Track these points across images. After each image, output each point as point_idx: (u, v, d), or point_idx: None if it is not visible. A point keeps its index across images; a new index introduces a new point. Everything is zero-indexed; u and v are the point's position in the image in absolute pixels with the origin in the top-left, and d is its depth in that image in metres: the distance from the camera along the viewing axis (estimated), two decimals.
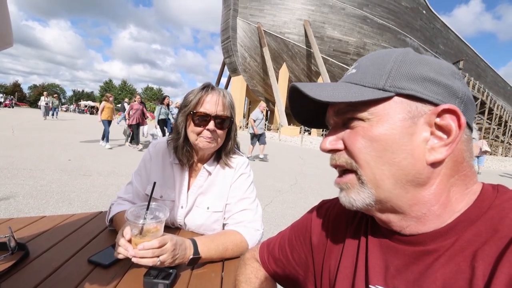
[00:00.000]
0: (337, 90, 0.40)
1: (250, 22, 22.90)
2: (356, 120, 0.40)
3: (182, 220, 1.02)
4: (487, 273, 0.31)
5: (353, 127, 0.40)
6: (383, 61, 0.40)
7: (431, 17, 28.71)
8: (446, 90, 0.37)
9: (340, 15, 22.88)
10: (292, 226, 0.65)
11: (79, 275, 0.69)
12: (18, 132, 8.24)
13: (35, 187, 3.40)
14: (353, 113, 0.40)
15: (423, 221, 0.39)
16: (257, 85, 25.94)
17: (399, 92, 0.37)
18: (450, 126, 0.36)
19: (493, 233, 0.33)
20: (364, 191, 0.39)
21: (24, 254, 0.73)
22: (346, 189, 0.42)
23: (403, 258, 0.40)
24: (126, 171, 4.80)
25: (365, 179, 0.39)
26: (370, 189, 0.39)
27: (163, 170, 1.02)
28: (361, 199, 0.40)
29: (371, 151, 0.38)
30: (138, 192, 1.02)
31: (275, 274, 0.64)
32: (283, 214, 3.50)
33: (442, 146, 0.36)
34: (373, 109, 0.38)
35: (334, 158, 0.43)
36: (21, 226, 0.93)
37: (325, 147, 0.43)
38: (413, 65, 0.38)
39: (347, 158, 0.41)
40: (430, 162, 0.36)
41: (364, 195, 0.39)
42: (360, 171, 0.39)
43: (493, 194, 0.38)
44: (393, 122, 0.37)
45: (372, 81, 0.39)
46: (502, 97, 42.42)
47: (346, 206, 0.42)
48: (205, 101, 0.93)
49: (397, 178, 0.37)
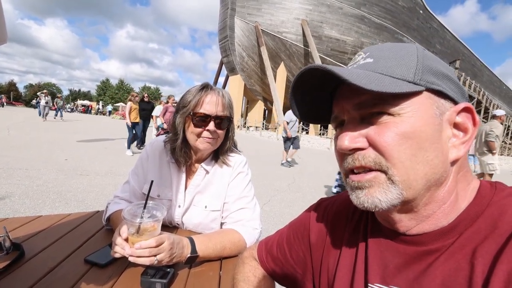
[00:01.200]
0: (370, 78, 0.35)
1: (248, 21, 22.86)
2: (384, 114, 0.36)
3: (179, 219, 1.01)
4: (486, 270, 0.31)
5: (381, 123, 0.36)
6: (407, 53, 0.37)
7: (428, 17, 28.84)
8: (459, 89, 0.38)
9: (337, 15, 22.91)
10: (290, 224, 0.64)
11: (75, 275, 0.68)
12: (14, 132, 8.17)
13: (31, 187, 3.37)
14: (382, 107, 0.36)
15: (431, 220, 0.38)
16: (255, 84, 25.92)
17: (429, 87, 0.35)
18: (466, 124, 0.36)
19: (492, 230, 0.33)
20: (393, 191, 0.36)
21: (19, 254, 0.73)
22: (369, 187, 0.37)
23: (404, 257, 0.40)
24: (123, 171, 4.77)
25: (397, 179, 0.35)
26: (401, 190, 0.35)
27: (160, 169, 1.01)
28: (389, 200, 0.36)
29: (406, 149, 0.35)
30: (135, 191, 1.01)
31: (273, 273, 0.64)
32: (281, 213, 3.51)
33: (461, 143, 0.36)
34: (405, 104, 0.35)
35: (357, 159, 0.38)
36: (17, 226, 0.92)
37: (346, 145, 0.37)
38: (433, 61, 0.37)
39: (375, 157, 0.36)
40: (452, 160, 0.36)
41: (392, 196, 0.36)
42: (392, 170, 0.35)
43: (491, 191, 0.38)
44: (426, 118, 0.35)
45: (401, 73, 0.36)
46: (497, 97, 42.75)
47: (365, 207, 0.38)
48: (204, 101, 0.91)
49: (429, 178, 0.35)
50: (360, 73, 0.35)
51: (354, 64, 0.41)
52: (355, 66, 0.40)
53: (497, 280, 0.30)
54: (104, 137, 9.20)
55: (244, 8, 22.90)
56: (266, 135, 18.21)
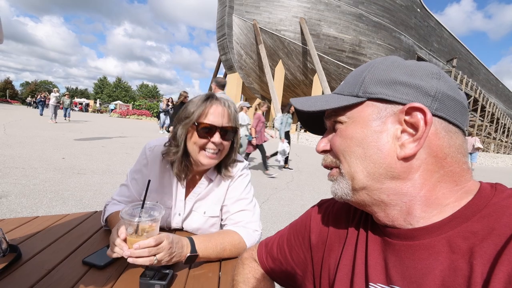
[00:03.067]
0: (320, 101, 0.47)
1: (246, 19, 22.77)
2: (337, 123, 0.46)
3: (179, 226, 1.00)
4: (486, 270, 0.31)
5: (337, 129, 0.46)
6: (361, 71, 0.45)
7: (425, 15, 28.89)
8: (416, 90, 0.40)
9: (335, 13, 22.88)
10: (291, 225, 0.64)
11: (73, 277, 0.68)
12: (10, 131, 8.10)
13: (28, 186, 3.34)
14: (335, 117, 0.46)
15: (409, 212, 0.40)
16: (253, 82, 25.87)
17: (370, 97, 0.42)
18: (418, 122, 0.38)
19: (491, 231, 0.34)
20: (343, 181, 0.45)
21: (16, 256, 0.72)
22: (333, 181, 0.48)
23: (399, 253, 0.40)
24: (121, 169, 4.75)
25: (343, 171, 0.45)
26: (347, 180, 0.44)
27: (161, 176, 0.98)
28: (341, 188, 0.45)
29: (346, 148, 0.44)
30: (133, 197, 0.99)
31: (273, 274, 0.64)
32: (280, 211, 3.51)
33: (411, 142, 0.39)
34: (350, 113, 0.44)
35: (324, 159, 0.49)
36: (13, 227, 0.91)
37: (317, 149, 0.50)
38: (385, 71, 0.42)
39: (332, 158, 0.47)
40: (402, 157, 0.39)
41: (342, 185, 0.45)
42: (341, 165, 0.45)
43: (491, 193, 0.38)
44: (364, 122, 0.42)
45: (349, 90, 0.45)
46: (494, 95, 43.06)
47: (333, 195, 0.48)
48: (209, 112, 0.88)
49: (369, 170, 0.42)
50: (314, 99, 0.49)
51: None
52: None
53: (497, 281, 0.30)
54: (101, 135, 9.15)
55: (242, 6, 22.79)
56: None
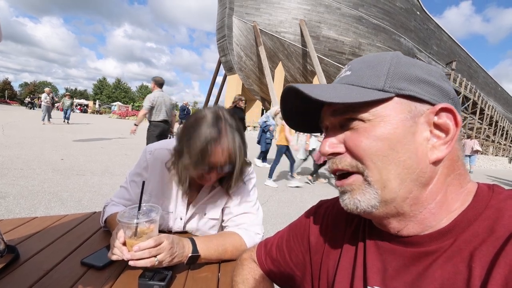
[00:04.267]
0: (338, 91, 0.39)
1: (246, 21, 22.84)
2: (356, 120, 0.39)
3: (181, 229, 0.99)
4: (484, 273, 0.32)
5: (354, 128, 0.40)
6: (379, 63, 0.40)
7: (425, 18, 29.03)
8: (440, 91, 0.39)
9: (335, 15, 22.98)
10: (290, 226, 0.64)
11: (71, 278, 0.67)
12: (9, 131, 8.08)
13: (26, 187, 3.33)
14: (352, 114, 0.39)
15: (419, 221, 0.39)
16: (253, 84, 25.91)
17: (399, 93, 0.38)
18: (447, 124, 0.37)
19: (489, 234, 0.34)
20: (370, 191, 0.39)
21: (14, 257, 0.71)
22: (351, 191, 0.40)
23: (402, 260, 0.40)
24: (120, 170, 4.74)
25: (371, 179, 0.38)
26: (376, 189, 0.38)
27: (161, 180, 0.96)
28: (367, 200, 0.39)
29: (377, 151, 0.37)
30: (133, 200, 0.97)
31: (272, 275, 0.64)
32: (279, 213, 3.50)
33: (442, 144, 0.37)
34: (374, 110, 0.38)
35: (334, 162, 0.42)
36: (11, 227, 0.90)
37: (325, 150, 0.42)
38: (408, 66, 0.39)
39: (351, 161, 0.40)
40: (433, 161, 0.37)
41: (370, 196, 0.39)
42: (366, 172, 0.38)
43: (489, 194, 0.38)
44: (395, 122, 0.37)
45: (371, 82, 0.39)
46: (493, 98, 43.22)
47: (349, 208, 0.41)
48: (210, 156, 0.78)
49: (403, 177, 0.37)
50: (325, 88, 0.40)
51: (338, 78, 0.44)
52: (338, 79, 0.44)
53: (494, 284, 0.30)
54: (100, 136, 9.13)
55: (242, 8, 22.87)
56: None
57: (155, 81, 4.48)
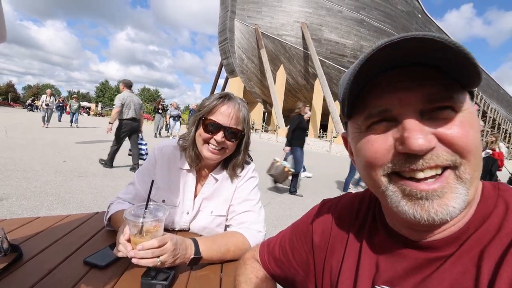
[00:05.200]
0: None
1: (248, 24, 22.98)
2: (448, 110, 0.33)
3: (187, 225, 1.00)
4: (492, 271, 0.31)
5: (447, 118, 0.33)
6: None
7: (426, 21, 29.07)
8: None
9: (337, 18, 23.07)
10: (293, 225, 0.64)
11: (74, 277, 0.67)
12: (12, 133, 8.13)
13: (29, 188, 3.34)
14: (453, 101, 0.33)
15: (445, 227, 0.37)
16: (254, 87, 25.99)
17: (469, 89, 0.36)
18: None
19: (497, 231, 0.33)
20: (461, 192, 0.33)
21: (17, 256, 0.71)
22: (441, 196, 0.33)
23: (413, 262, 0.39)
24: (122, 172, 4.75)
25: (467, 176, 0.33)
26: (467, 188, 0.33)
27: (169, 175, 1.00)
28: (461, 202, 0.33)
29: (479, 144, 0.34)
30: (140, 194, 1.00)
31: (275, 274, 0.64)
32: (281, 215, 3.50)
33: None
34: (466, 100, 0.34)
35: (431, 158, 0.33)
36: (15, 227, 0.90)
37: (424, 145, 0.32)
38: None
39: (451, 154, 0.33)
40: None
41: (462, 198, 0.33)
42: (464, 166, 0.33)
43: (495, 192, 0.37)
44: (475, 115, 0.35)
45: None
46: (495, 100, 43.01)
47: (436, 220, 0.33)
48: (219, 110, 0.91)
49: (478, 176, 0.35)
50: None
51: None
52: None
53: (502, 282, 0.30)
54: (102, 138, 9.17)
55: (244, 11, 23.02)
56: (266, 137, 18.22)
57: (124, 83, 5.04)
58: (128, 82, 5.08)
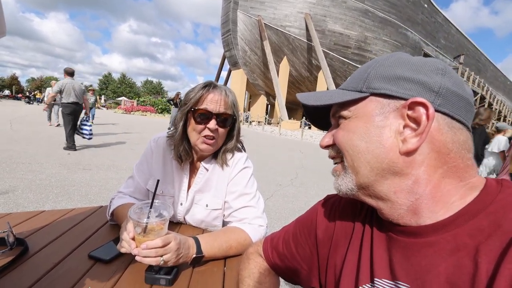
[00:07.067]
0: (325, 96, 0.47)
1: (251, 15, 22.64)
2: (341, 118, 0.46)
3: (182, 216, 1.01)
4: (491, 268, 0.31)
5: (339, 124, 0.47)
6: (367, 67, 0.45)
7: (433, 11, 28.43)
8: (420, 85, 0.40)
9: (341, 9, 22.63)
10: (297, 220, 0.64)
11: (79, 271, 0.68)
12: (16, 126, 8.20)
13: (34, 181, 3.39)
14: (340, 113, 0.46)
15: (412, 210, 0.40)
16: (257, 79, 25.80)
17: (373, 92, 0.42)
18: (420, 117, 0.38)
19: (496, 228, 0.33)
20: (346, 176, 0.45)
21: (23, 250, 0.72)
22: (336, 176, 0.48)
23: (404, 250, 0.40)
24: (126, 165, 4.79)
25: (346, 165, 0.45)
26: (351, 174, 0.44)
27: (163, 166, 1.01)
28: (345, 183, 0.45)
29: (348, 141, 0.44)
30: (139, 186, 1.01)
31: (278, 269, 0.64)
32: (284, 208, 3.51)
33: (413, 136, 0.39)
34: (353, 108, 0.44)
35: (330, 151, 0.50)
36: (20, 221, 0.91)
37: (321, 144, 0.51)
38: (390, 67, 0.42)
39: (337, 150, 0.48)
40: (403, 152, 0.39)
41: (346, 180, 0.45)
42: (344, 159, 0.45)
43: (497, 189, 0.37)
44: (367, 117, 0.43)
45: (354, 85, 0.45)
46: (501, 92, 42.41)
47: (336, 191, 0.49)
48: (206, 99, 0.91)
49: (372, 165, 0.42)
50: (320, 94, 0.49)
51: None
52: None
53: (503, 280, 0.30)
54: (106, 131, 9.22)
55: (247, 2, 22.65)
56: (269, 130, 18.19)
57: (65, 71, 5.64)
58: (69, 70, 5.65)
